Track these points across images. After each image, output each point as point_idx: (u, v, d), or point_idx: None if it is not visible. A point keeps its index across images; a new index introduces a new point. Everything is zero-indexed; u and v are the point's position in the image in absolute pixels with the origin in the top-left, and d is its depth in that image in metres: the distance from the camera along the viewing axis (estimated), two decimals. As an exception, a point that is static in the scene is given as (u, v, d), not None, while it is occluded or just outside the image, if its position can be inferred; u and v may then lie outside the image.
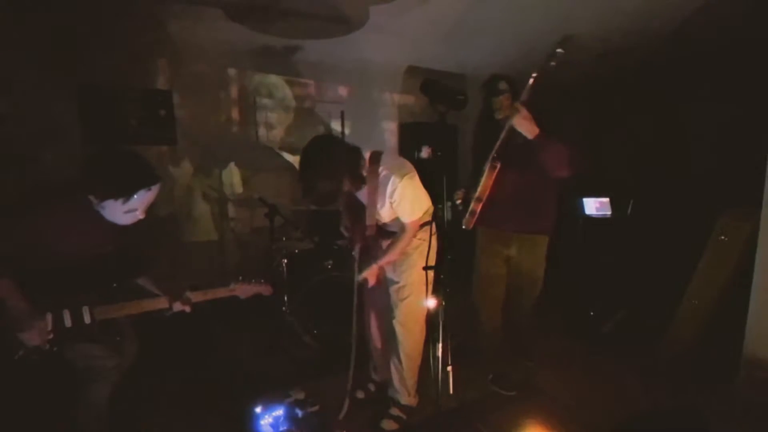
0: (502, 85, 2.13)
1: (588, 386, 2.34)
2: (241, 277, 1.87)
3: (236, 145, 3.63)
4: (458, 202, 2.31)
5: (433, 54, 3.72)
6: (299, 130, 3.88)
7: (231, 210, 3.67)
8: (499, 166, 2.04)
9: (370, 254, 2.03)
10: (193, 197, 3.52)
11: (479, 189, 2.10)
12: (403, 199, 1.78)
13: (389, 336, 2.10)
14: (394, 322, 2.01)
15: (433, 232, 1.83)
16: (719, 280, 2.46)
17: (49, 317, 1.43)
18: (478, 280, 2.40)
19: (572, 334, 2.96)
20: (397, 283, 1.98)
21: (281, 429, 1.83)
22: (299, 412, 1.89)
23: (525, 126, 1.87)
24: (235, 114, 3.63)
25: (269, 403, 1.91)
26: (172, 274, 3.15)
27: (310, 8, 2.67)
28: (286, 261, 2.97)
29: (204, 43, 3.26)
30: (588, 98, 4.62)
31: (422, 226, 1.93)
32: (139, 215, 1.44)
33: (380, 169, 1.79)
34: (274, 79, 3.74)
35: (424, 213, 1.93)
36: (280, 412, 1.88)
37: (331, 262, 2.98)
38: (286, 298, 2.97)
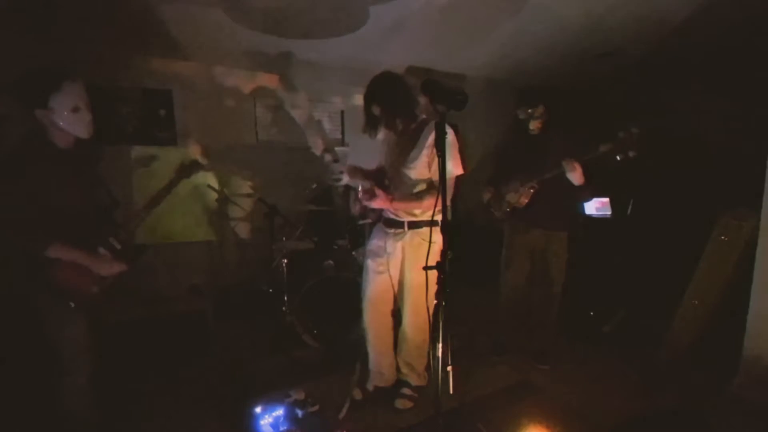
0: (540, 111, 2.36)
1: (588, 386, 2.34)
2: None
3: (236, 145, 3.63)
4: (487, 198, 2.60)
5: (433, 54, 3.72)
6: (299, 131, 3.89)
7: (231, 210, 3.67)
8: (536, 188, 2.35)
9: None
10: (193, 197, 3.51)
11: (515, 200, 2.42)
12: (450, 147, 1.82)
13: (397, 330, 2.18)
14: (404, 316, 2.10)
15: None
16: (719, 280, 2.46)
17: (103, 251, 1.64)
18: (505, 259, 2.64)
19: (572, 334, 2.96)
20: (407, 279, 2.05)
21: (281, 429, 1.83)
22: (299, 412, 1.89)
23: (575, 178, 2.17)
24: (235, 113, 3.63)
25: (269, 403, 1.91)
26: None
27: (311, 8, 2.67)
28: (286, 261, 2.97)
29: (204, 42, 3.26)
30: (588, 98, 4.62)
31: (424, 224, 1.96)
32: (88, 115, 1.60)
33: (424, 120, 1.93)
34: (274, 79, 3.74)
35: (438, 210, 1.94)
36: (280, 412, 1.88)
37: (331, 262, 2.98)
38: (286, 298, 2.97)
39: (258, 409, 1.89)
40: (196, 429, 2.04)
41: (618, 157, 2.01)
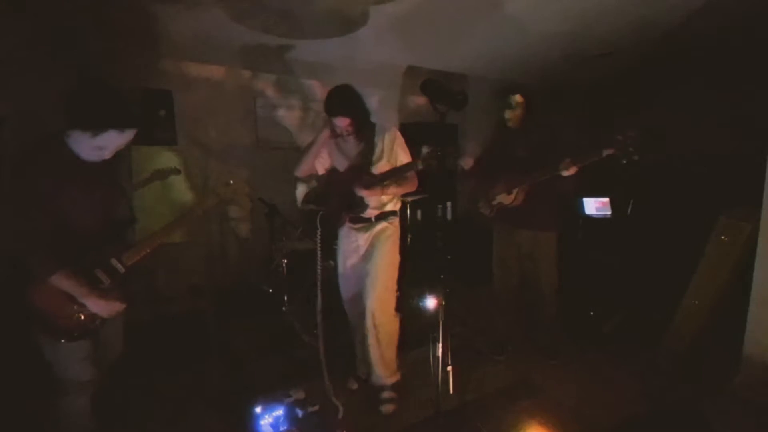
0: (517, 99, 2.37)
1: (588, 386, 2.34)
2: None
3: (236, 145, 3.64)
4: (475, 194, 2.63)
5: (433, 54, 3.72)
6: (299, 130, 3.89)
7: (231, 210, 3.67)
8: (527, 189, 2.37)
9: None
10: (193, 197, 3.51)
11: (509, 201, 2.42)
12: (401, 144, 2.10)
13: (364, 322, 2.16)
14: (369, 306, 2.09)
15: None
16: (719, 280, 2.45)
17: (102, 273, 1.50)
18: (496, 260, 2.69)
19: (572, 334, 2.96)
20: (370, 268, 2.10)
21: (281, 429, 1.83)
22: (299, 412, 1.89)
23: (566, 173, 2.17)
24: (235, 114, 3.63)
25: (269, 403, 1.91)
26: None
27: (311, 8, 2.67)
28: (286, 261, 2.97)
29: (204, 42, 3.26)
30: (588, 98, 4.62)
31: (389, 215, 2.13)
32: (106, 155, 1.41)
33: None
34: (274, 79, 3.74)
35: (394, 201, 2.15)
36: (280, 412, 1.87)
37: (331, 262, 2.98)
38: (286, 298, 2.97)
39: (258, 409, 1.88)
40: (196, 429, 2.04)
41: (624, 161, 2.02)
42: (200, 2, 2.56)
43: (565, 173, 2.16)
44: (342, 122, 1.97)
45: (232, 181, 1.86)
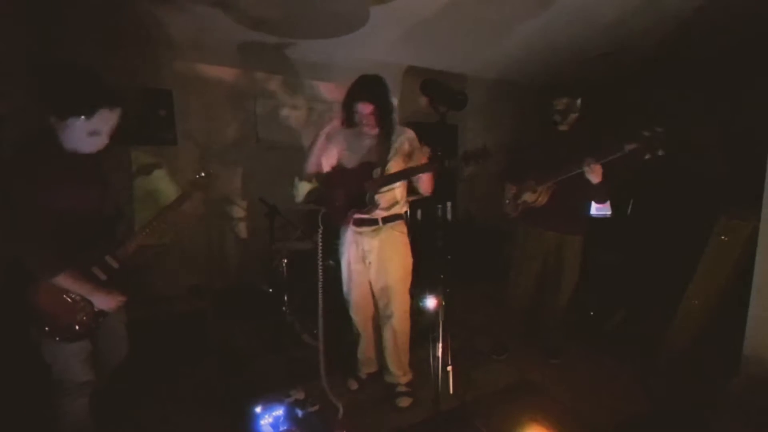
0: (578, 105, 2.34)
1: (588, 386, 2.34)
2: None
3: (236, 145, 3.63)
4: (512, 193, 2.53)
5: (433, 54, 3.72)
6: (299, 131, 3.88)
7: (231, 210, 3.67)
8: (555, 188, 2.32)
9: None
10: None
11: (533, 200, 2.38)
12: (419, 149, 2.05)
13: (380, 325, 2.22)
14: (386, 311, 2.12)
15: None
16: (719, 280, 2.45)
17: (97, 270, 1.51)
18: (518, 260, 2.61)
19: (572, 334, 2.96)
20: (388, 282, 2.09)
21: (281, 429, 1.83)
22: (299, 412, 1.89)
23: (593, 177, 2.14)
24: (235, 113, 3.63)
25: (269, 403, 1.91)
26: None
27: (311, 8, 2.67)
28: (286, 261, 2.97)
29: (204, 42, 3.26)
30: (588, 98, 4.61)
31: (396, 218, 2.10)
32: (102, 142, 1.43)
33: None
34: (274, 79, 3.74)
35: (402, 204, 2.12)
36: (280, 412, 1.87)
37: (331, 262, 2.98)
38: (286, 298, 2.97)
39: (258, 409, 1.88)
40: (196, 429, 2.04)
41: (647, 156, 1.95)
42: (201, 3, 2.56)
43: (588, 170, 2.11)
44: (365, 108, 1.90)
45: (203, 173, 1.86)
